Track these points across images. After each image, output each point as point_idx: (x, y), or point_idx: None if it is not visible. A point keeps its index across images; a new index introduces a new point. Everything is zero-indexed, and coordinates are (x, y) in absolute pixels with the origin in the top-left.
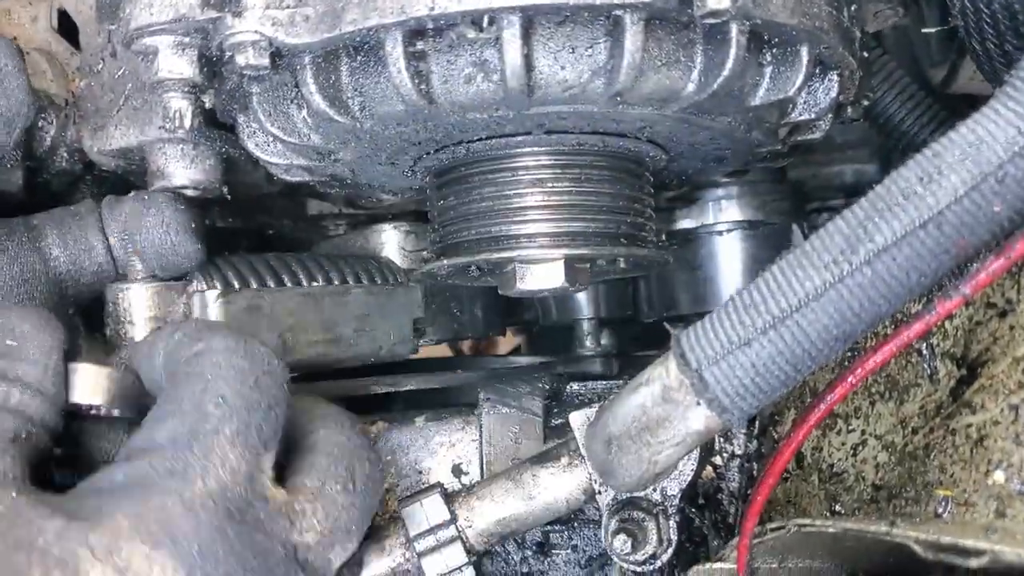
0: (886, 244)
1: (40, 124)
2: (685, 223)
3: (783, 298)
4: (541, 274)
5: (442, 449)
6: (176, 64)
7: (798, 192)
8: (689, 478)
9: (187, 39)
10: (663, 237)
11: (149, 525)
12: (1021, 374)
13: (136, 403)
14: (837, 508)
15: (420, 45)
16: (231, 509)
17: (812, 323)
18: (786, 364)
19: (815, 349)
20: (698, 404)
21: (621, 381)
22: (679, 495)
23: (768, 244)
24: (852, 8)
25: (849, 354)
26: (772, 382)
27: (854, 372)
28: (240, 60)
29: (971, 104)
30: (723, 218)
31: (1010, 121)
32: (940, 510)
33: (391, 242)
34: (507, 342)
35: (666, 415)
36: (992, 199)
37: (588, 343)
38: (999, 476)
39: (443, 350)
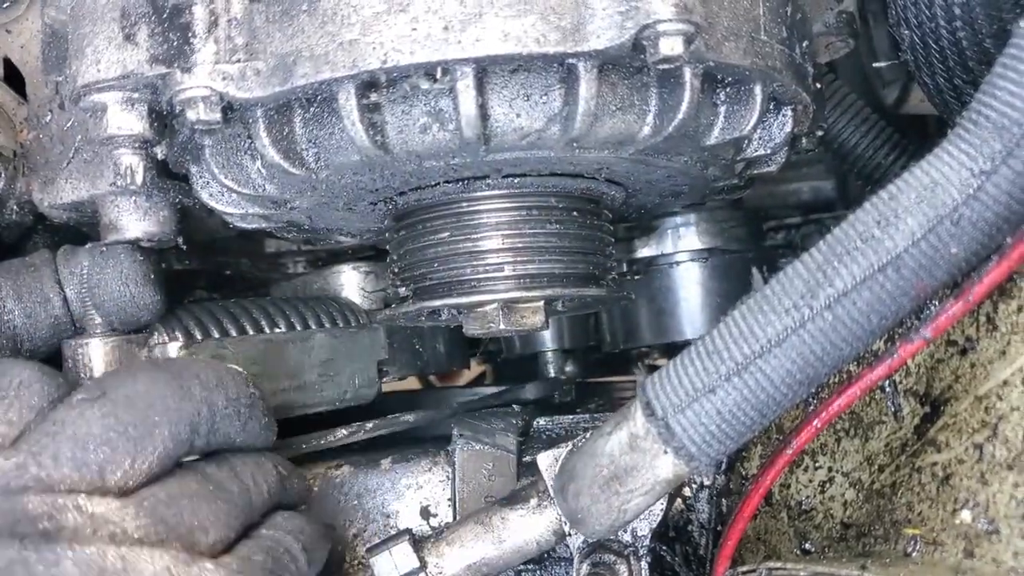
0: (846, 288)
1: None
2: (645, 251)
3: (745, 344)
4: (521, 315)
5: (409, 491)
6: (126, 120)
7: (755, 216)
8: (659, 518)
9: (136, 95)
10: (624, 267)
11: None
12: (984, 412)
13: None
14: (807, 546)
15: (374, 97)
16: None
17: (775, 368)
18: (751, 410)
19: (779, 394)
20: (665, 452)
21: (587, 415)
22: (650, 535)
23: (725, 276)
24: (804, 44)
25: (813, 395)
26: (738, 428)
27: (819, 415)
28: (191, 115)
29: (922, 125)
30: (682, 246)
31: (963, 163)
32: (909, 549)
33: (351, 283)
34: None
35: (634, 464)
36: (949, 241)
37: (552, 372)
38: (966, 515)
39: (410, 381)
